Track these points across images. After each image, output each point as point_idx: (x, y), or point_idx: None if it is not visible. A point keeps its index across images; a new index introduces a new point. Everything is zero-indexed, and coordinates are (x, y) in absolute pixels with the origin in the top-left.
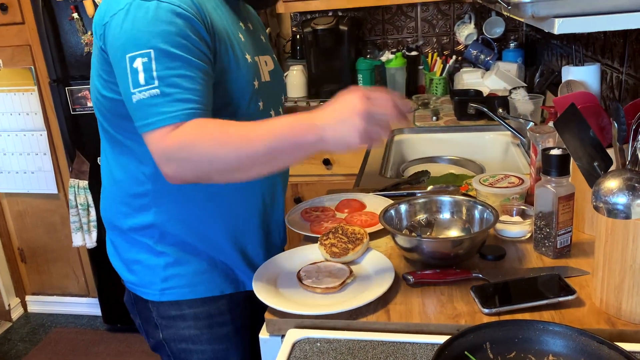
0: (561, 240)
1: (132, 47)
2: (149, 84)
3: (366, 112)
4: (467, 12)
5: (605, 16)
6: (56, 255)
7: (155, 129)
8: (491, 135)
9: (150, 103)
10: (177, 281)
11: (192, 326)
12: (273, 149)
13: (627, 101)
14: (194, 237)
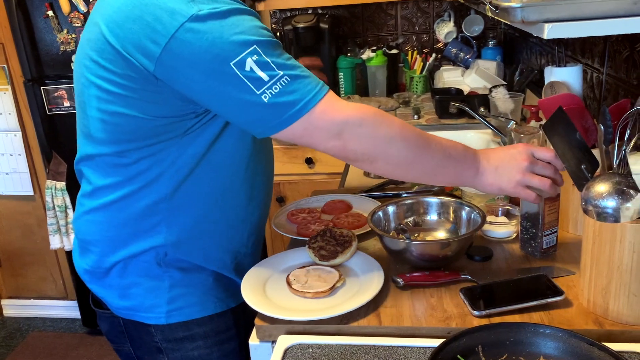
0: (547, 240)
1: (232, 54)
2: (273, 77)
3: (529, 163)
4: (446, 10)
5: (595, 21)
6: (33, 258)
7: (313, 107)
8: (472, 134)
9: (286, 91)
10: (185, 300)
11: (201, 346)
12: (441, 163)
13: (608, 101)
14: (198, 254)
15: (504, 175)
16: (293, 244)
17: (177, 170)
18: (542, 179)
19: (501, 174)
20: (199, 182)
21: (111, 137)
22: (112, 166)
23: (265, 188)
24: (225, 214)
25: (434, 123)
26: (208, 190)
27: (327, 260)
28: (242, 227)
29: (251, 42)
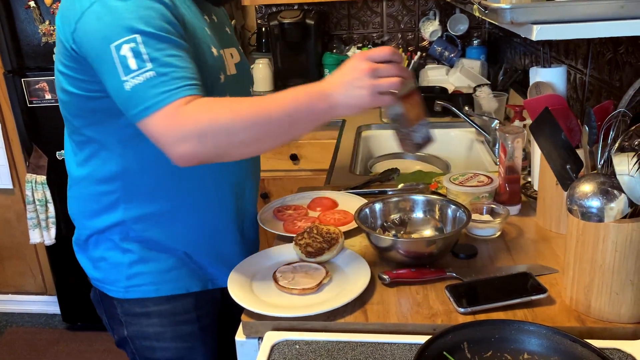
0: (419, 135)
1: (115, 36)
2: (141, 68)
3: (370, 70)
4: (431, 9)
5: (582, 24)
6: (11, 252)
7: (159, 110)
8: (456, 132)
9: (146, 86)
10: (141, 279)
11: (156, 324)
12: (288, 119)
13: (591, 102)
14: (162, 233)
15: (355, 94)
16: (279, 240)
17: (124, 147)
18: (390, 80)
19: (352, 94)
20: (147, 160)
21: (67, 115)
22: (76, 144)
23: (237, 172)
24: (186, 194)
25: None
26: (157, 169)
27: (314, 257)
28: (205, 209)
29: (136, 30)
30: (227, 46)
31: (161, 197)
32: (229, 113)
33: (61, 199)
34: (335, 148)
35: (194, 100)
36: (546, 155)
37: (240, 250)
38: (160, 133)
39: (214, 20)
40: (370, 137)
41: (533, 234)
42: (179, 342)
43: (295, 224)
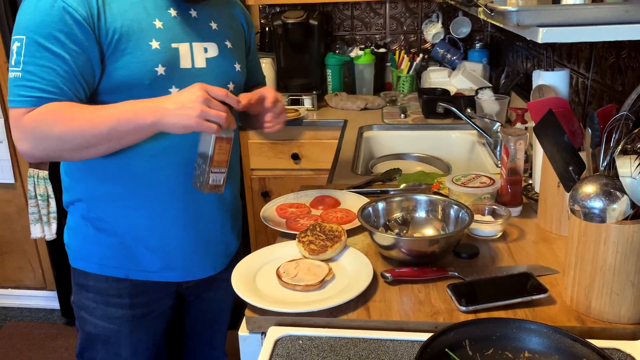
0: (214, 177)
1: (16, 31)
2: (16, 66)
3: (205, 98)
4: (434, 11)
5: (588, 27)
6: (11, 247)
7: (13, 108)
8: (457, 134)
9: (13, 83)
10: (90, 255)
11: (91, 298)
12: (114, 130)
13: (593, 106)
14: (112, 216)
15: (183, 112)
16: (282, 237)
17: None
18: (219, 112)
19: (181, 112)
20: None
21: None
22: None
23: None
24: (137, 181)
25: (420, 122)
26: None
27: (317, 255)
28: (160, 202)
29: (25, 32)
30: (201, 40)
31: (113, 179)
32: (62, 122)
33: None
34: (337, 148)
35: (41, 107)
36: (549, 156)
37: (192, 249)
38: (12, 127)
39: (189, 15)
40: (372, 137)
41: (534, 235)
42: (107, 322)
43: (297, 222)
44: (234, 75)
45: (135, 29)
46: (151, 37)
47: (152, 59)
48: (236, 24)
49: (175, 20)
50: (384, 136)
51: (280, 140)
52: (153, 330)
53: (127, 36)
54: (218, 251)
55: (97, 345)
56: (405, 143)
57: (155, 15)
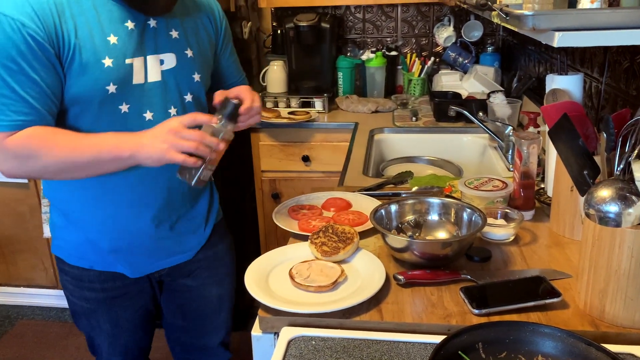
0: (205, 174)
1: None
2: None
3: (175, 130)
4: (446, 15)
5: (605, 31)
6: (23, 245)
7: None
8: (469, 137)
9: None
10: (62, 244)
11: (68, 281)
12: (95, 160)
13: (606, 110)
14: (76, 212)
15: (156, 146)
16: (294, 238)
17: None
18: (190, 142)
19: (154, 146)
20: None
21: None
22: None
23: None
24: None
25: (431, 126)
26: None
27: (329, 256)
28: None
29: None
30: (157, 52)
31: (74, 183)
32: (44, 149)
33: None
34: (348, 150)
35: (24, 131)
36: (564, 160)
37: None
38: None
39: (147, 26)
40: (383, 140)
41: (546, 239)
42: (84, 302)
43: (309, 223)
44: (192, 85)
45: (88, 47)
46: (104, 54)
47: (104, 78)
48: (202, 28)
49: (132, 34)
50: (394, 139)
51: (291, 142)
52: (131, 308)
53: (80, 54)
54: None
55: (81, 318)
56: (416, 146)
57: (111, 30)
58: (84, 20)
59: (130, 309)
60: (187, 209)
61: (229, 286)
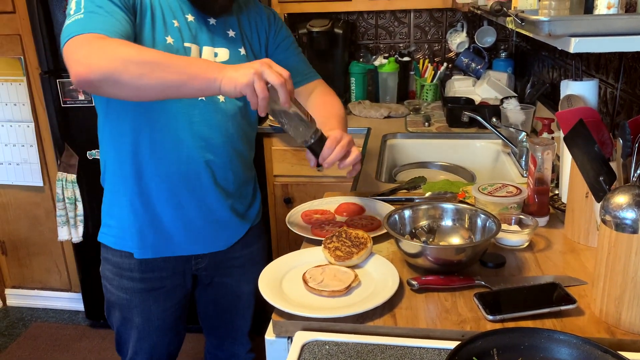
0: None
1: None
2: (76, 13)
3: (265, 64)
4: (459, 21)
5: (621, 37)
6: (38, 248)
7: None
8: (482, 143)
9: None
10: (107, 230)
11: (109, 269)
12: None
13: (622, 116)
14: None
15: (242, 71)
16: (308, 243)
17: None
18: (277, 74)
19: (240, 71)
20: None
21: None
22: None
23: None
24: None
25: (444, 131)
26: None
27: (343, 261)
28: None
29: None
30: (213, 45)
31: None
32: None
33: (90, 197)
34: (361, 155)
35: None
36: (579, 166)
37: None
38: (69, 54)
39: (207, 22)
40: (395, 145)
41: (561, 246)
42: (121, 292)
43: (323, 228)
44: None
45: (157, 24)
46: (168, 32)
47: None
48: (258, 29)
49: (191, 24)
50: (407, 144)
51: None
52: (164, 304)
53: (148, 29)
54: (212, 230)
55: (115, 309)
56: (429, 151)
57: (174, 16)
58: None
59: (163, 305)
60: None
61: None
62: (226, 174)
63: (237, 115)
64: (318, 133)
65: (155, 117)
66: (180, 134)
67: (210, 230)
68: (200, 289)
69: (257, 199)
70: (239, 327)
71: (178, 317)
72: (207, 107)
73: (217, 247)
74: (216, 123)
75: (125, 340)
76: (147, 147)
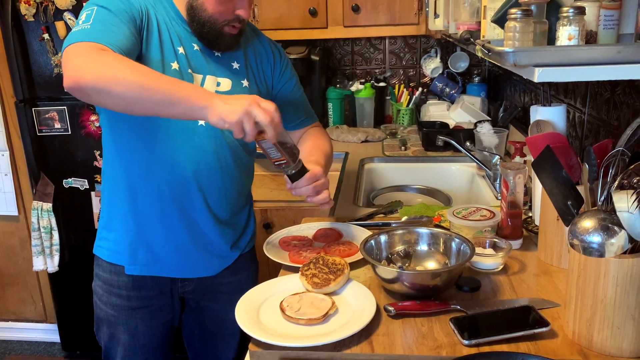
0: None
1: (85, 7)
2: (85, 23)
3: (255, 102)
4: (433, 47)
5: (581, 67)
6: (13, 279)
7: (77, 42)
8: (457, 166)
9: (79, 32)
10: (103, 242)
11: (99, 285)
12: (172, 93)
13: (590, 140)
14: (123, 207)
15: (232, 105)
16: (285, 270)
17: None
18: (266, 113)
19: (230, 104)
20: (107, 136)
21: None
22: None
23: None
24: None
25: (420, 155)
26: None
27: (320, 288)
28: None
29: (97, 4)
30: (216, 75)
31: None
32: (124, 60)
33: (66, 226)
34: (339, 180)
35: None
36: (548, 191)
37: (175, 249)
38: (67, 58)
39: (212, 53)
40: (373, 169)
41: (535, 268)
42: (109, 308)
43: (300, 255)
44: None
45: (165, 48)
46: (173, 59)
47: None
48: (263, 64)
49: (196, 53)
50: (384, 168)
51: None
52: (150, 323)
53: (156, 51)
54: (202, 255)
55: (103, 325)
56: (406, 175)
57: (180, 44)
58: (164, 25)
59: (150, 323)
60: (224, 226)
61: None
62: (220, 200)
63: (235, 143)
64: (299, 165)
65: (154, 137)
66: (177, 156)
67: (199, 255)
68: (187, 312)
69: (250, 227)
70: (223, 355)
71: (164, 338)
72: (207, 133)
73: (206, 272)
74: (214, 149)
75: (112, 357)
76: (143, 166)
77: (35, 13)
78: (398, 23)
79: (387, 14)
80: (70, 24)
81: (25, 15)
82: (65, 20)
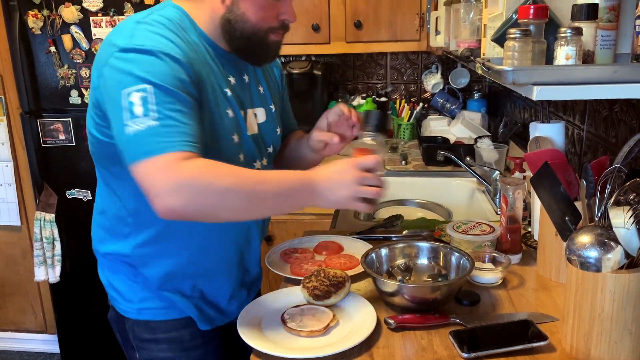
0: None
1: (128, 83)
2: (146, 116)
3: (358, 178)
4: (434, 63)
5: (579, 86)
6: (14, 289)
7: (156, 156)
8: (457, 181)
9: (148, 133)
10: (152, 303)
11: (165, 349)
12: (278, 197)
13: (588, 156)
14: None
15: (337, 194)
16: (286, 282)
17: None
18: (373, 189)
19: (335, 193)
20: None
21: (93, 154)
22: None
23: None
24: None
25: (420, 169)
26: None
27: (321, 300)
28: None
29: (148, 81)
30: (254, 106)
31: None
32: (230, 177)
33: (68, 237)
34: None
35: (194, 157)
36: (546, 207)
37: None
38: (152, 180)
39: (243, 80)
40: None
41: (533, 283)
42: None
43: (302, 267)
44: (275, 139)
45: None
46: (226, 105)
47: (231, 127)
48: (275, 82)
49: (235, 87)
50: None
51: None
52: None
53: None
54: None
55: None
56: (407, 189)
57: (226, 83)
58: (206, 72)
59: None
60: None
61: None
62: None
63: None
64: None
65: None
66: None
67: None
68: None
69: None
70: None
71: None
72: None
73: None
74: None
75: None
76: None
77: (42, 26)
78: (400, 39)
79: (389, 31)
80: (77, 37)
81: (32, 29)
82: (72, 34)
